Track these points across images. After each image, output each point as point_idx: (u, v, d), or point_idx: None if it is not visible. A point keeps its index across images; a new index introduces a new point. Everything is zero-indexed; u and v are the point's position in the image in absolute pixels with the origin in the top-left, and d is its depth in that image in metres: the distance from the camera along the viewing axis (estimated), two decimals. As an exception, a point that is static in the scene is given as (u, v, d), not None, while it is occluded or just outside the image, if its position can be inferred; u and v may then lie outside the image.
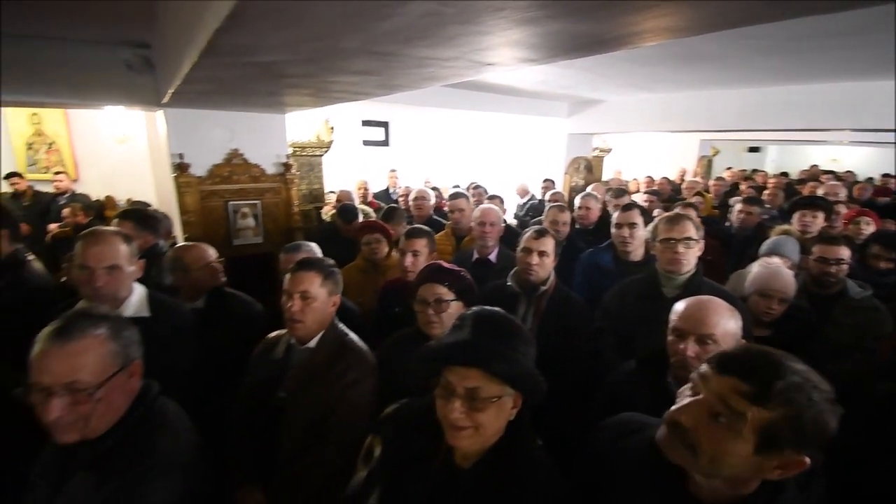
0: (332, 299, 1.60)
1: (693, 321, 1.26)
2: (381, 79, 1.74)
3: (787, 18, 1.20)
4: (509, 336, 0.94)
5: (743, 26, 1.36)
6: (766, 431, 0.71)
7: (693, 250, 1.82)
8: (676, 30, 1.25)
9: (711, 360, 0.80)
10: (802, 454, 0.71)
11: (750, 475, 0.75)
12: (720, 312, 1.26)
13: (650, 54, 2.99)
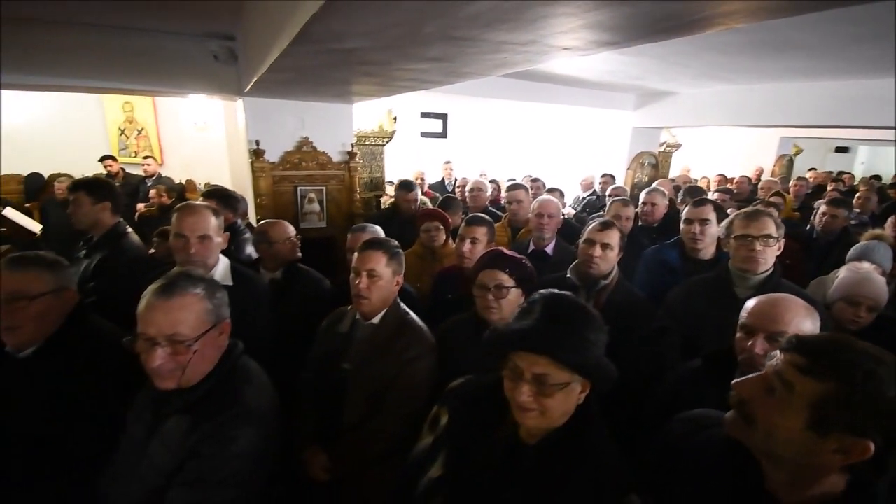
0: (396, 278, 1.67)
1: (764, 317, 1.20)
2: (452, 65, 1.77)
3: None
4: (580, 322, 0.93)
5: (845, 6, 1.25)
6: (817, 405, 0.69)
7: (772, 249, 1.71)
8: (770, 10, 1.17)
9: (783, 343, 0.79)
10: (864, 438, 0.67)
11: (811, 460, 0.71)
12: (795, 310, 1.18)
13: (732, 41, 2.80)
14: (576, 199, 5.89)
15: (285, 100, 3.49)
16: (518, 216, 3.18)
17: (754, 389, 0.78)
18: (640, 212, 3.31)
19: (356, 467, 1.56)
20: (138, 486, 1.11)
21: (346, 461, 1.57)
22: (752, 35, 2.60)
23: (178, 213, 1.83)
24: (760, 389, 0.77)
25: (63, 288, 1.45)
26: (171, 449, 1.09)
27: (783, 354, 0.77)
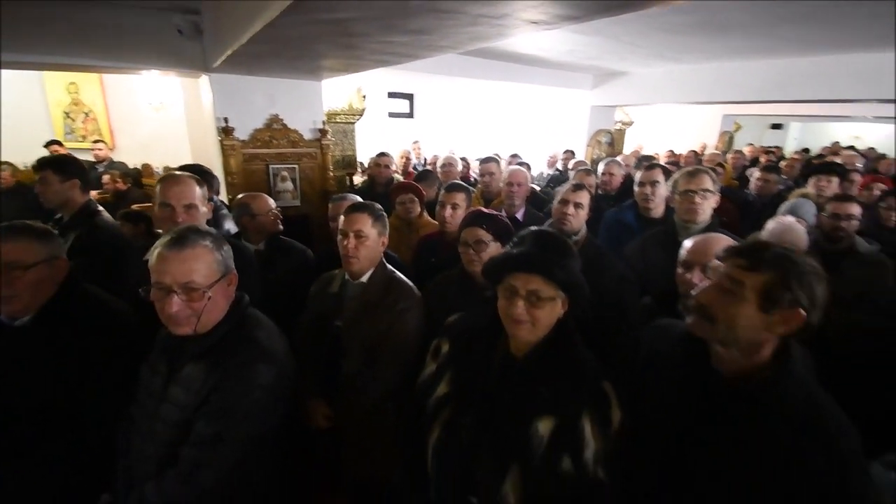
0: (381, 239, 1.79)
1: (699, 253, 1.44)
2: (430, 38, 1.89)
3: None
4: (562, 249, 1.14)
5: None
6: (764, 291, 0.91)
7: (709, 201, 1.98)
8: None
9: (718, 255, 1.01)
10: (797, 308, 0.90)
11: (761, 336, 0.94)
12: (723, 243, 1.41)
13: (678, 22, 3.06)
14: (540, 176, 6.15)
15: (254, 76, 3.46)
16: (490, 187, 3.36)
17: (712, 294, 0.98)
18: (599, 182, 3.59)
19: (356, 414, 1.69)
20: (161, 426, 1.19)
21: (347, 409, 1.69)
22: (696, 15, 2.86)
23: (163, 184, 1.85)
24: (717, 293, 0.97)
25: (54, 257, 1.46)
26: (192, 390, 1.17)
27: (725, 262, 0.98)
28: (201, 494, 1.14)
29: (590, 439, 1.04)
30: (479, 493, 1.10)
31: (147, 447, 1.21)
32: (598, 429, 1.05)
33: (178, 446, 1.16)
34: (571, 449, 1.04)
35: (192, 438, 1.15)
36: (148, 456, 1.20)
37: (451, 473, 1.14)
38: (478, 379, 1.16)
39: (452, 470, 1.14)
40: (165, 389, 1.22)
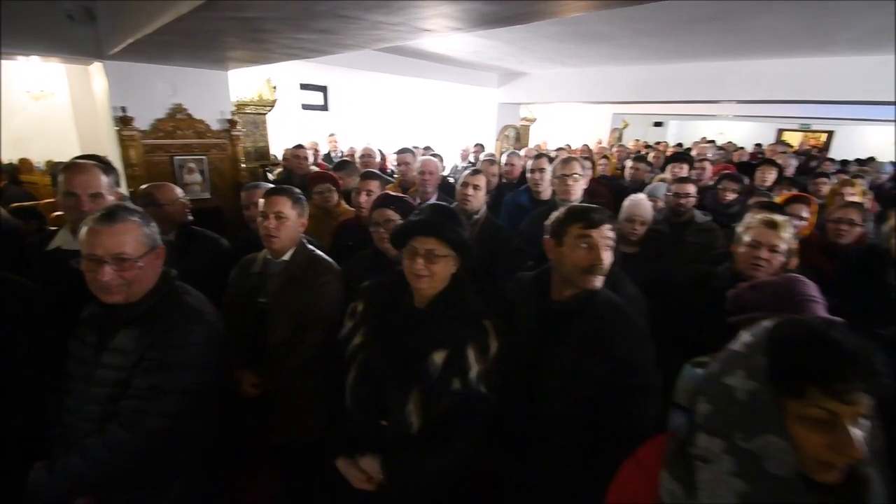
0: (301, 220, 1.95)
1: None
2: (337, 37, 2.07)
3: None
4: (453, 217, 1.42)
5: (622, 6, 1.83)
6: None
7: (579, 183, 2.43)
8: (552, 13, 1.73)
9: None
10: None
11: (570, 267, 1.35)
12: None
13: (555, 31, 3.54)
14: (455, 168, 6.52)
15: (155, 64, 3.33)
16: (407, 176, 3.63)
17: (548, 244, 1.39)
18: (502, 171, 4.02)
19: (284, 380, 1.84)
20: (98, 388, 1.27)
21: (275, 376, 1.84)
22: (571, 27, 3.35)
23: (67, 173, 1.82)
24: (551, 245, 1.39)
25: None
26: (127, 352, 1.27)
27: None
28: (144, 440, 1.24)
29: (473, 363, 1.34)
30: (389, 415, 1.35)
31: (85, 408, 1.27)
32: (480, 355, 1.35)
33: (117, 402, 1.25)
34: (460, 372, 1.34)
35: (132, 392, 1.25)
36: (87, 417, 1.27)
37: (366, 403, 1.38)
38: (387, 327, 1.41)
39: (366, 400, 1.38)
40: (98, 357, 1.29)
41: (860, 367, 0.70)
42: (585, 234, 1.33)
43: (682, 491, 0.83)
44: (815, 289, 1.24)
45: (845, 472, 0.74)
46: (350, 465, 1.36)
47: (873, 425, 0.74)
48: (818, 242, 2.51)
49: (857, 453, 0.70)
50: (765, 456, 0.74)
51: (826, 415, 0.70)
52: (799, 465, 0.73)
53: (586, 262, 1.32)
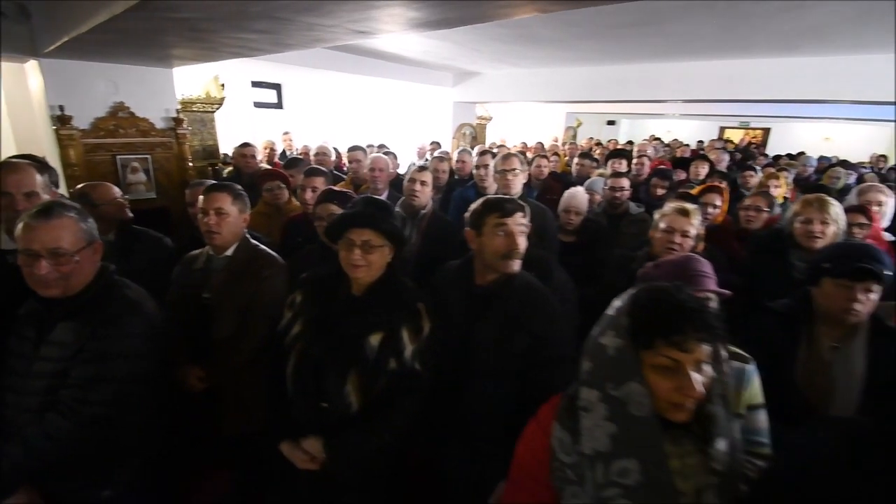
0: (243, 216, 1.97)
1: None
2: (277, 37, 2.11)
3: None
4: (385, 210, 1.51)
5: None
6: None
7: (519, 178, 2.57)
8: (454, 21, 1.83)
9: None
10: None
11: (490, 254, 1.46)
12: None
13: (504, 34, 3.69)
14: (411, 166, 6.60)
15: (95, 62, 3.23)
16: (358, 174, 3.69)
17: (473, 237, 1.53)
18: (454, 168, 4.15)
19: (231, 373, 1.87)
20: (37, 380, 1.28)
21: (221, 370, 1.87)
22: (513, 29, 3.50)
23: (1, 172, 1.80)
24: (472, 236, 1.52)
25: None
26: (66, 344, 1.28)
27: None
28: (83, 428, 1.26)
29: (407, 343, 1.44)
30: (329, 398, 1.43)
31: (25, 400, 1.28)
32: (414, 335, 1.45)
33: (56, 393, 1.26)
34: (395, 352, 1.43)
35: (71, 381, 1.27)
36: (26, 408, 1.28)
37: (306, 388, 1.45)
38: (325, 315, 1.49)
39: (306, 385, 1.45)
40: (37, 350, 1.30)
41: (695, 321, 0.84)
42: (502, 223, 1.46)
43: (569, 438, 0.96)
44: (708, 265, 1.40)
45: (693, 412, 0.88)
46: (293, 448, 1.42)
47: (716, 370, 0.89)
48: (731, 228, 2.77)
49: (696, 394, 0.85)
50: (628, 401, 0.88)
51: (671, 362, 0.85)
52: (655, 407, 0.87)
53: (504, 248, 1.45)
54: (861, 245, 1.57)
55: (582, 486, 0.93)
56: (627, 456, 0.88)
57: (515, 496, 1.08)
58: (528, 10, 1.62)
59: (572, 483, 0.95)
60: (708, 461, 0.87)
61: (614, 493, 0.88)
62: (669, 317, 0.85)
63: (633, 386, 0.88)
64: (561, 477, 0.97)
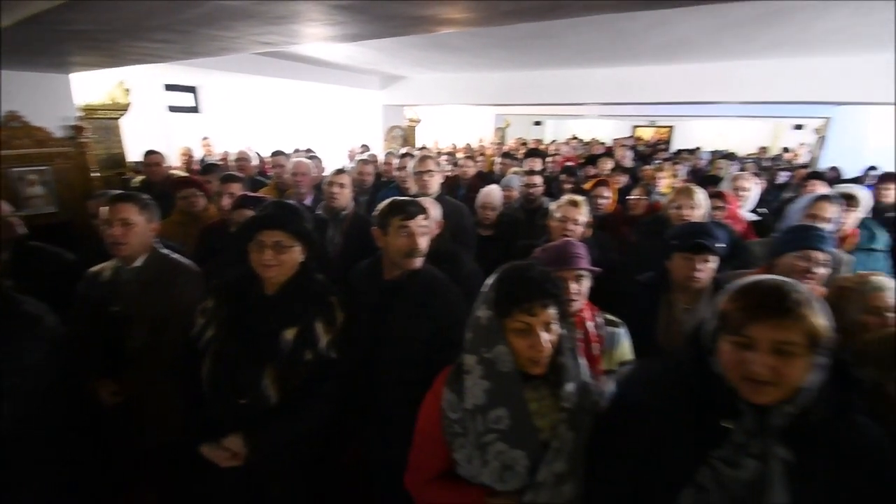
0: (151, 225, 1.95)
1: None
2: (182, 46, 2.10)
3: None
4: (295, 211, 1.59)
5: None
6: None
7: (435, 178, 2.74)
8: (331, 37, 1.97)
9: None
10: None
11: (394, 252, 1.62)
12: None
13: (420, 42, 3.86)
14: (343, 169, 6.61)
15: (-25, 68, 2.97)
16: (282, 179, 3.68)
17: (376, 234, 1.63)
18: (381, 170, 4.26)
19: (148, 384, 1.85)
20: None
21: (138, 381, 1.85)
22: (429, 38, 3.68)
23: None
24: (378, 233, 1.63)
25: None
26: None
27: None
28: None
29: (322, 335, 1.54)
30: (247, 393, 1.50)
31: None
32: (328, 326, 1.55)
33: None
34: (310, 344, 1.52)
35: None
36: None
37: (222, 387, 1.50)
38: (239, 316, 1.55)
39: (223, 384, 1.50)
40: None
41: (540, 291, 1.04)
42: (404, 225, 1.61)
43: (455, 398, 1.13)
44: (582, 248, 1.63)
45: (547, 365, 1.08)
46: (213, 448, 1.45)
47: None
48: (621, 215, 3.14)
49: (545, 350, 1.04)
50: (497, 360, 1.06)
51: (524, 326, 1.04)
52: (517, 363, 1.06)
53: (406, 247, 1.60)
54: (699, 224, 1.90)
55: (467, 436, 1.11)
56: (499, 405, 1.06)
57: (419, 457, 1.23)
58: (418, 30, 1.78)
59: (459, 435, 1.12)
60: (559, 402, 1.07)
61: (492, 437, 1.07)
62: (520, 289, 1.04)
63: (500, 348, 1.06)
64: (450, 432, 1.13)
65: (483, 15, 1.50)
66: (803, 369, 0.81)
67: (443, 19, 1.55)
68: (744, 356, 0.83)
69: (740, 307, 0.85)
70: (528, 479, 1.05)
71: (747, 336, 0.83)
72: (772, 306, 0.82)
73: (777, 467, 0.80)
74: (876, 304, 1.51)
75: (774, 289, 0.84)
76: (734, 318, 0.86)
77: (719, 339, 0.89)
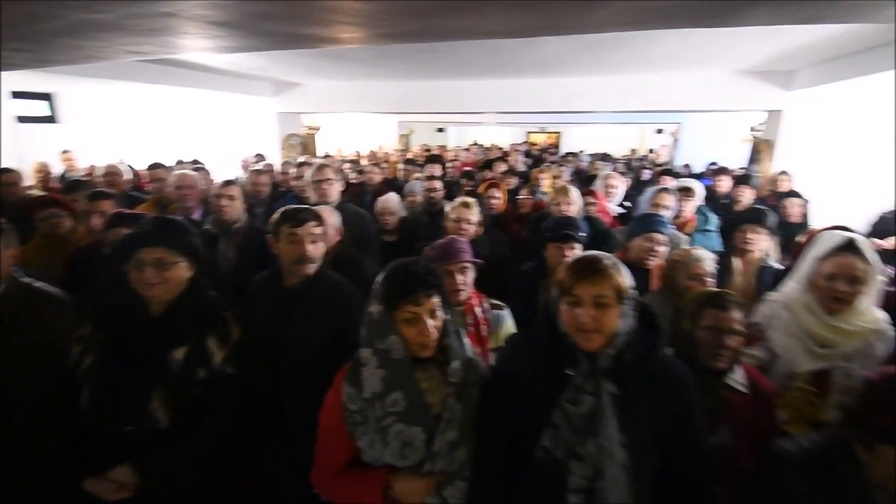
0: (8, 252, 1.75)
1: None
2: (38, 54, 1.87)
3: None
4: (177, 227, 1.52)
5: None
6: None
7: (334, 187, 2.78)
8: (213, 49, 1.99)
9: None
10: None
11: (286, 259, 1.66)
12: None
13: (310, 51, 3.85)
14: (237, 181, 6.25)
15: None
16: (163, 193, 3.40)
17: (270, 241, 1.64)
18: (279, 180, 4.16)
19: (16, 426, 1.64)
20: None
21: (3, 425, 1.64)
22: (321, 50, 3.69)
23: None
24: (272, 240, 1.63)
25: None
26: None
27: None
28: None
29: (215, 351, 1.50)
30: (134, 419, 1.42)
31: None
32: (222, 343, 1.52)
33: None
34: (203, 362, 1.48)
35: None
36: None
37: (106, 416, 1.40)
38: (121, 340, 1.46)
39: (106, 413, 1.40)
40: None
41: (423, 283, 1.17)
42: (293, 232, 1.65)
43: (354, 390, 1.22)
44: (465, 243, 1.81)
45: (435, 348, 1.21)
46: (98, 482, 1.36)
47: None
48: (512, 214, 3.46)
49: (432, 334, 1.18)
50: (390, 349, 1.17)
51: (412, 315, 1.16)
52: (408, 350, 1.18)
53: (296, 254, 1.64)
54: (566, 218, 2.21)
55: (367, 423, 1.20)
56: (395, 390, 1.17)
57: (324, 453, 1.29)
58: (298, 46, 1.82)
59: (361, 424, 1.21)
60: (447, 378, 1.21)
61: (390, 420, 1.17)
62: (405, 283, 1.16)
63: (392, 338, 1.17)
64: (352, 422, 1.22)
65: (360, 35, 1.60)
66: (616, 317, 1.06)
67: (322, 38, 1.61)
68: (574, 312, 1.07)
69: (569, 275, 1.11)
70: (425, 451, 1.17)
71: (575, 295, 1.08)
72: (589, 270, 1.07)
73: (607, 399, 1.04)
74: (696, 272, 1.89)
75: (591, 258, 1.11)
76: (566, 284, 1.10)
77: (560, 304, 1.10)
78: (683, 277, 1.89)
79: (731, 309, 1.40)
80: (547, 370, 1.12)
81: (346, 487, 1.25)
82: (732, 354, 1.38)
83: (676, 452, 1.09)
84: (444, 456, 1.17)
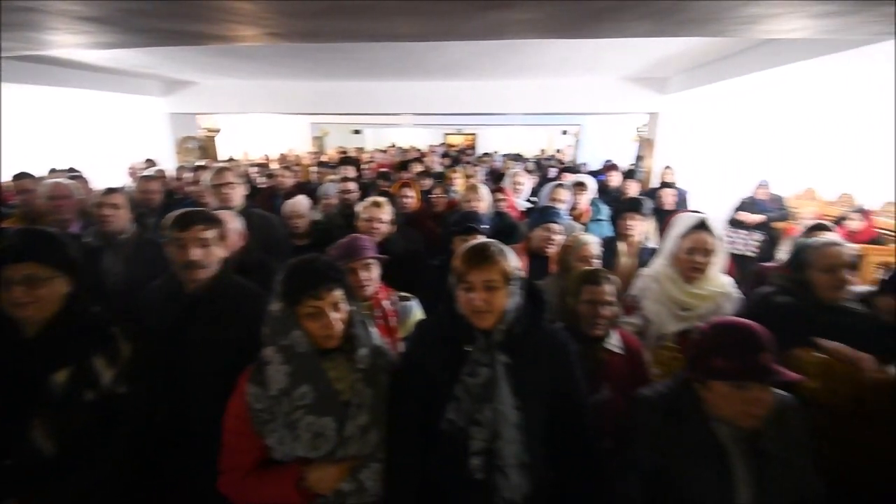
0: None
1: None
2: None
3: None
4: (49, 239, 1.37)
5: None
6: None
7: (236, 191, 2.65)
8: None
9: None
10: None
11: (176, 265, 1.59)
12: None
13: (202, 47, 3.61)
14: (127, 189, 5.64)
15: None
16: (32, 206, 3.01)
17: (166, 246, 1.54)
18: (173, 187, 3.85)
19: None
20: None
21: None
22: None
23: None
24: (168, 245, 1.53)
25: None
26: None
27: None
28: None
29: (103, 370, 1.38)
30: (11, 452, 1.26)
31: None
32: (110, 361, 1.40)
33: None
34: (90, 383, 1.36)
35: None
36: None
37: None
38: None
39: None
40: None
41: (324, 277, 1.20)
42: (179, 237, 1.58)
43: (260, 390, 1.21)
44: (368, 241, 1.85)
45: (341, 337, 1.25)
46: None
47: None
48: (426, 212, 3.57)
49: (337, 326, 1.21)
50: (294, 344, 1.18)
51: (314, 309, 1.18)
52: (313, 343, 1.20)
53: (181, 259, 1.57)
54: (469, 212, 2.36)
55: (275, 420, 1.19)
56: (302, 383, 1.19)
57: (231, 456, 1.26)
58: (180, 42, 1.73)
59: (268, 422, 1.20)
60: (354, 365, 1.25)
61: (299, 414, 1.18)
62: (306, 279, 1.18)
63: (295, 333, 1.18)
64: (259, 421, 1.21)
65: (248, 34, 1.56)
66: (505, 297, 1.18)
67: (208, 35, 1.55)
68: (469, 296, 1.18)
69: (462, 263, 1.21)
70: (336, 440, 1.20)
71: (468, 281, 1.18)
72: (478, 258, 1.18)
73: (500, 369, 1.16)
74: (584, 255, 2.12)
75: (480, 247, 1.22)
76: (460, 271, 1.20)
77: (457, 289, 1.20)
78: (573, 260, 2.11)
79: (604, 283, 1.61)
80: (449, 349, 1.21)
81: (258, 488, 1.23)
82: (608, 322, 1.59)
83: (563, 410, 1.23)
84: (357, 440, 1.21)
